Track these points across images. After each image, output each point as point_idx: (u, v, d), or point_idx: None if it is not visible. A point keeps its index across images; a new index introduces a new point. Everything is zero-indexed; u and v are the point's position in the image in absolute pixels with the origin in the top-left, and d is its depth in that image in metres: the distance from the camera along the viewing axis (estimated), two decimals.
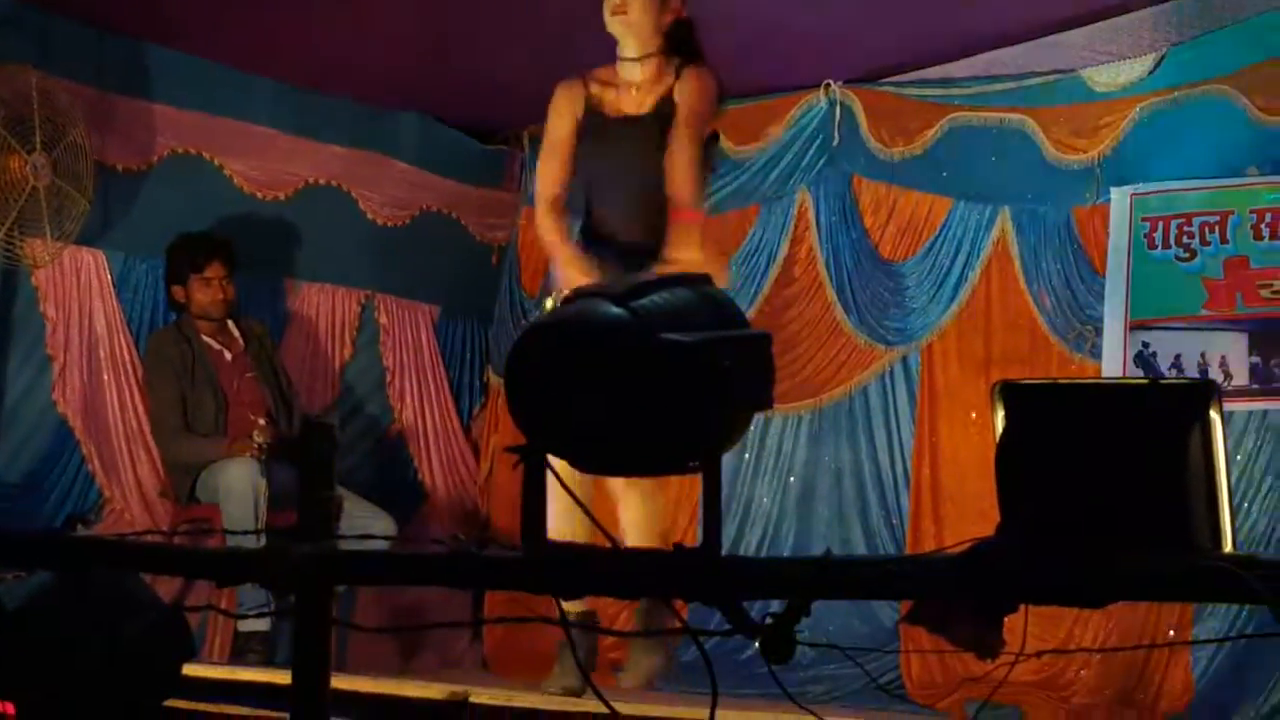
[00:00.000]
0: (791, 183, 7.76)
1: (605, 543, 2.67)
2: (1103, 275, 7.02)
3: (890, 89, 7.65)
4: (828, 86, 7.67)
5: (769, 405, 2.62)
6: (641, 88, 5.18)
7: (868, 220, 7.64)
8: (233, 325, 7.02)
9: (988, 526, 2.40)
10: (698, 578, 2.50)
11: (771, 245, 7.76)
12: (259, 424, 6.77)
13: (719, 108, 5.23)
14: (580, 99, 5.23)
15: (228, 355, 6.94)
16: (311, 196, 7.86)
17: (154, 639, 2.99)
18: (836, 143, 7.67)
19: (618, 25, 5.14)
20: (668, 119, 5.09)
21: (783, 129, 7.74)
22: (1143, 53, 7.00)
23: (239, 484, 6.44)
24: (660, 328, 2.45)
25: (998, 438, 2.42)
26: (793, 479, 7.70)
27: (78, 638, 2.92)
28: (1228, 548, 2.27)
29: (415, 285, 8.31)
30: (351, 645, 6.50)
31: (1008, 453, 2.39)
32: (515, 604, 6.95)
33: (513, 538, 2.69)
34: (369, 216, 8.10)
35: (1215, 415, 2.28)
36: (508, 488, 8.08)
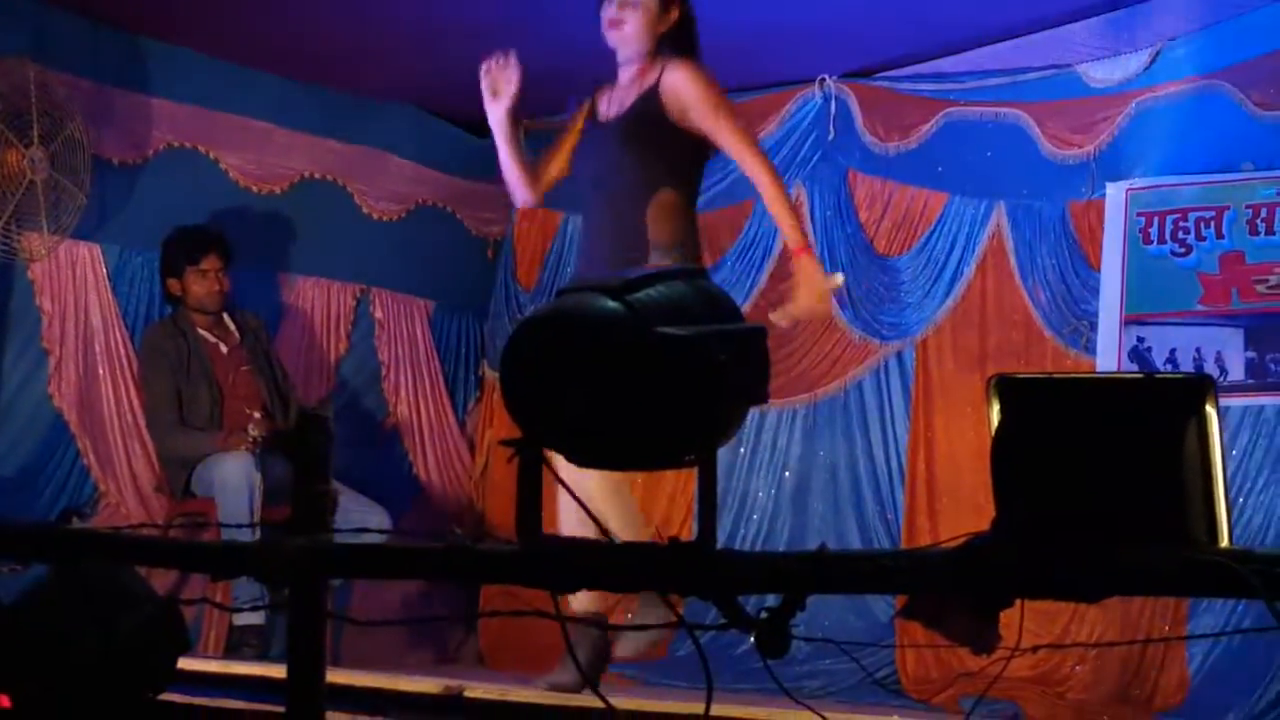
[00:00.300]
0: (787, 177, 7.69)
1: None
2: (1098, 270, 7.01)
3: (886, 84, 7.64)
4: (823, 81, 7.67)
5: (765, 399, 2.62)
6: (626, 88, 5.13)
7: (863, 215, 7.63)
8: (228, 318, 7.01)
9: (983, 521, 2.40)
10: (693, 572, 2.50)
11: (767, 240, 7.74)
12: (254, 418, 6.76)
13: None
14: (586, 110, 5.23)
15: (223, 348, 6.93)
16: (307, 190, 7.86)
17: (149, 632, 2.99)
18: (832, 137, 7.66)
19: (614, 37, 5.09)
20: (647, 116, 5.03)
21: (778, 124, 7.73)
22: (1139, 48, 6.99)
23: (234, 478, 6.43)
24: (656, 321, 2.44)
25: (993, 432, 2.42)
26: (788, 474, 7.70)
27: (72, 631, 2.92)
28: (1224, 542, 2.27)
29: (410, 279, 8.31)
30: (346, 639, 6.49)
31: (1003, 447, 2.39)
32: (510, 598, 6.98)
33: (507, 533, 2.69)
34: (364, 210, 8.10)
35: (1211, 409, 2.28)
36: (502, 482, 8.08)
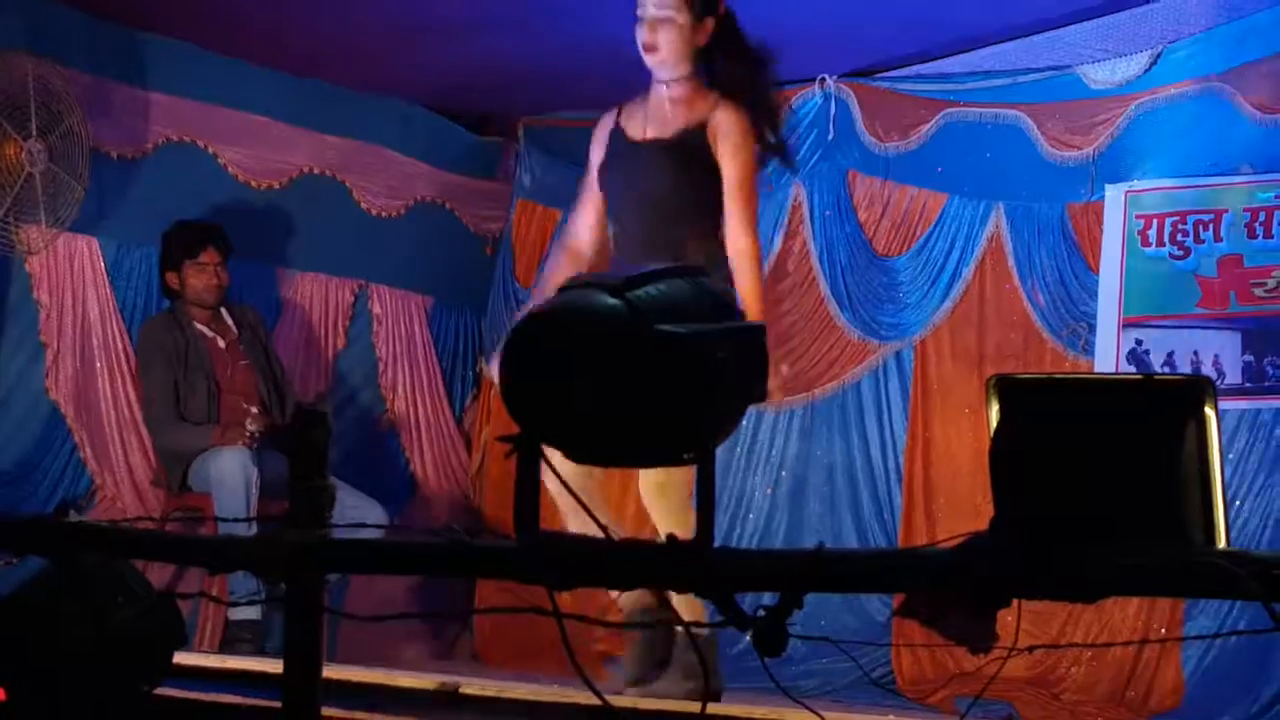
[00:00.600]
0: (786, 177, 7.73)
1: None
2: (1097, 272, 7.02)
3: (886, 84, 7.64)
4: (823, 81, 7.67)
5: (763, 397, 2.62)
6: (668, 110, 5.02)
7: (862, 215, 7.63)
8: (226, 313, 7.00)
9: (980, 523, 2.40)
10: (690, 570, 2.50)
11: (765, 239, 7.71)
12: (251, 412, 6.76)
13: (775, 120, 5.09)
14: (609, 128, 5.15)
15: (221, 343, 6.92)
16: (306, 186, 7.86)
17: (145, 626, 2.98)
18: (831, 137, 7.66)
19: (651, 60, 4.98)
20: (694, 147, 4.94)
21: None
22: (1138, 50, 7.00)
23: (231, 472, 6.43)
24: (655, 319, 2.44)
25: (992, 432, 2.42)
26: (785, 473, 7.70)
27: (68, 624, 2.91)
28: (1221, 544, 2.27)
29: (409, 275, 8.31)
30: (342, 635, 6.49)
31: (1002, 447, 2.39)
32: (506, 595, 6.98)
33: (504, 529, 2.68)
34: (363, 206, 8.10)
35: (1210, 411, 2.27)
36: (499, 479, 8.08)
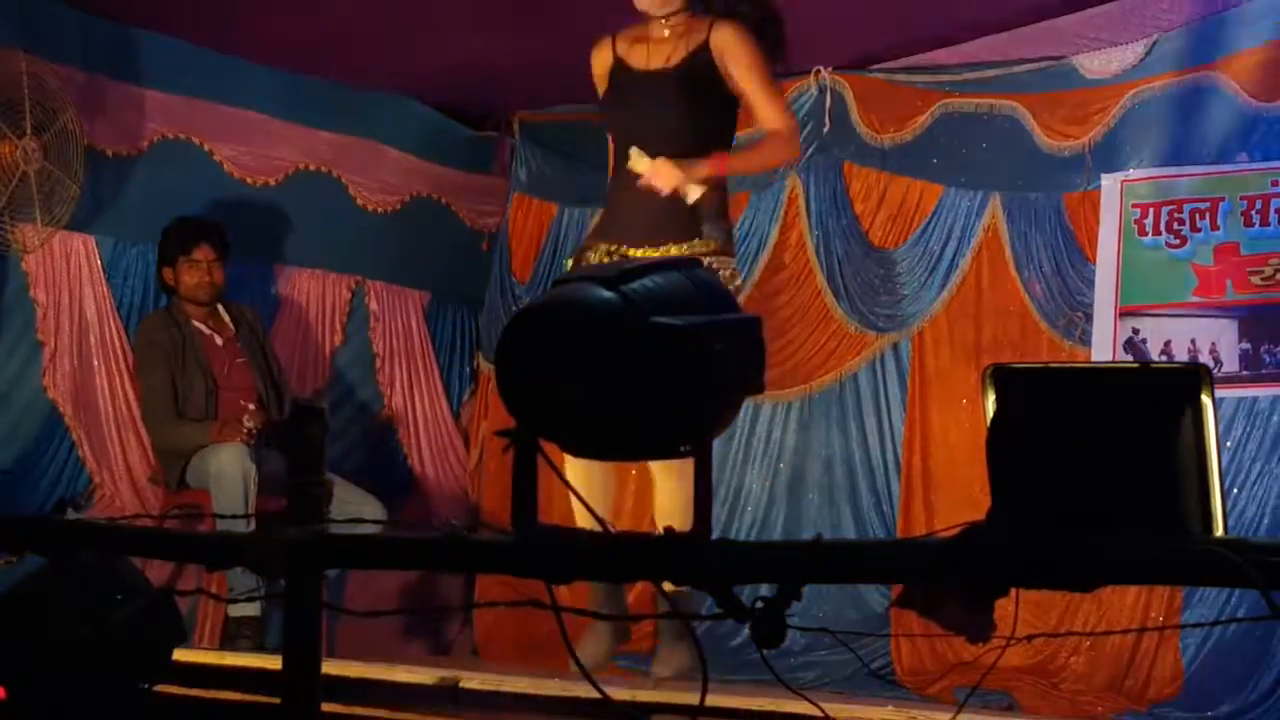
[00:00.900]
0: (782, 169, 7.74)
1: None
2: (1093, 262, 7.01)
3: (881, 75, 7.64)
4: (818, 73, 7.66)
5: (760, 389, 2.62)
6: (669, 41, 5.07)
7: (858, 206, 7.62)
8: (223, 310, 7.00)
9: (978, 513, 2.40)
10: (688, 561, 2.50)
11: (762, 231, 7.74)
12: (249, 409, 6.76)
13: (776, 54, 5.19)
14: (608, 55, 5.17)
15: (218, 340, 6.92)
16: (301, 182, 7.85)
17: (144, 623, 2.99)
18: (827, 129, 7.65)
19: (645, 3, 5.04)
20: (700, 72, 5.00)
21: None
22: (1134, 39, 7.00)
23: (229, 469, 6.42)
24: (651, 311, 2.44)
25: (989, 422, 2.42)
26: (782, 466, 7.70)
27: (67, 622, 2.92)
28: (1218, 532, 2.27)
29: (405, 271, 8.30)
30: (341, 631, 6.49)
31: (999, 436, 2.39)
32: (507, 591, 6.98)
33: (502, 524, 2.69)
34: (359, 202, 8.09)
35: (1207, 399, 2.28)
36: (497, 474, 8.08)
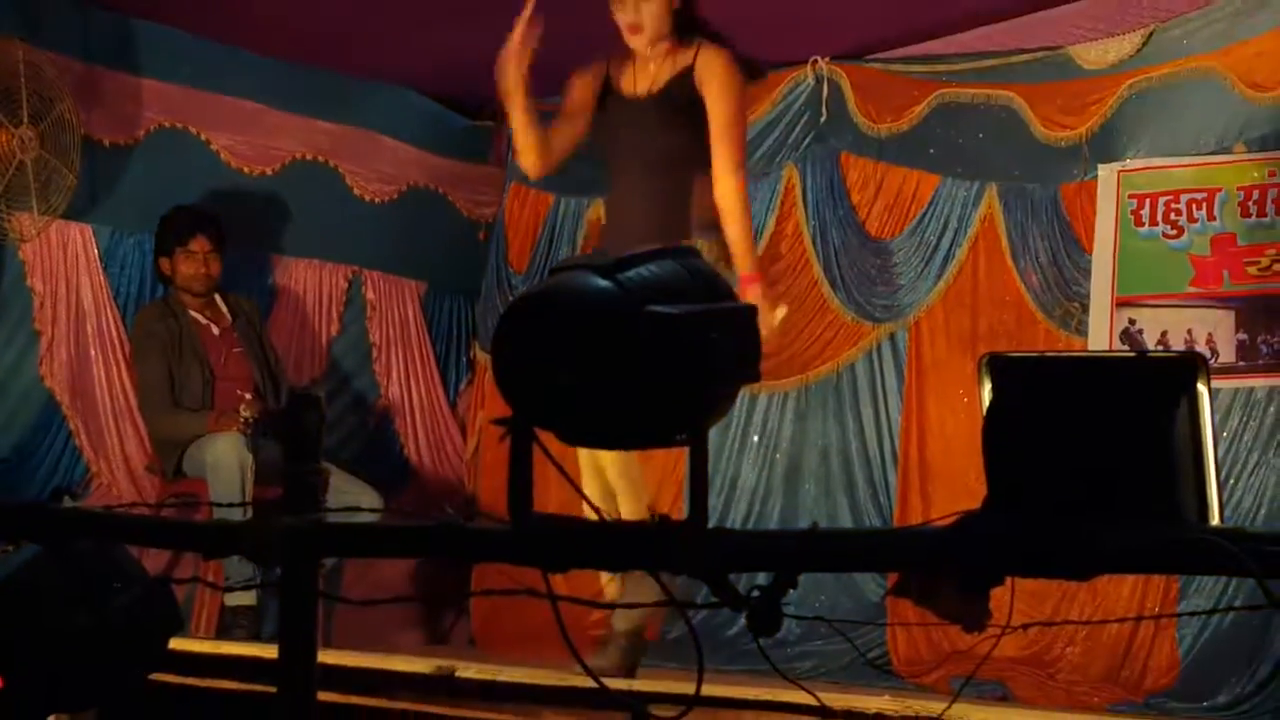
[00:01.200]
0: (779, 159, 7.74)
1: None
2: (1090, 252, 7.01)
3: (878, 65, 7.63)
4: (815, 63, 7.66)
5: (757, 378, 2.61)
6: (653, 63, 5.16)
7: (855, 197, 7.62)
8: (220, 300, 7.01)
9: (975, 503, 2.39)
10: (684, 550, 2.50)
11: (758, 221, 7.70)
12: (246, 399, 6.76)
13: (750, 83, 5.23)
14: (600, 76, 5.26)
15: (215, 330, 6.93)
16: (299, 172, 7.85)
17: (140, 612, 2.98)
18: (824, 119, 7.65)
19: (636, 41, 5.13)
20: (683, 99, 5.08)
21: (770, 106, 7.71)
22: (1131, 29, 6.99)
23: (226, 458, 6.43)
24: (647, 300, 2.44)
25: (984, 411, 2.41)
26: (779, 456, 7.70)
27: (64, 611, 2.91)
28: (1215, 521, 2.27)
29: (402, 261, 8.30)
30: (338, 620, 6.50)
31: (995, 425, 2.39)
32: (504, 579, 6.98)
33: (499, 513, 2.68)
34: (356, 192, 8.09)
35: (1203, 388, 2.27)
36: (494, 464, 8.08)
